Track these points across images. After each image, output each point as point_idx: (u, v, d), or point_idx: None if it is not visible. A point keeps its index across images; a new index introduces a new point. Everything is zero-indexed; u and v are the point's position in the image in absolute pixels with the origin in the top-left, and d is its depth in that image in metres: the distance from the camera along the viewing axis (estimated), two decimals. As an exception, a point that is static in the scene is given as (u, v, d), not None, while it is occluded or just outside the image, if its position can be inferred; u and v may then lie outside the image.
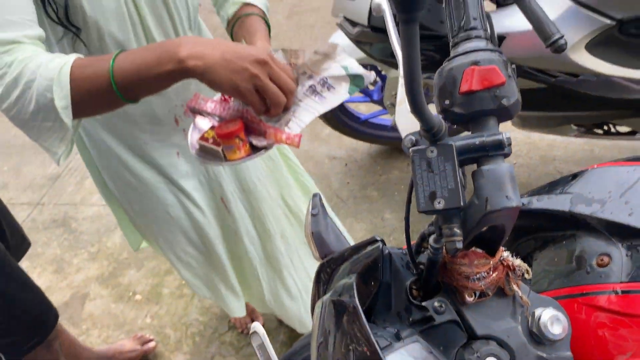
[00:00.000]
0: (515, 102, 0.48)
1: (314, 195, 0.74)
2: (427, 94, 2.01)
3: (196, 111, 0.85)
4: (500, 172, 0.47)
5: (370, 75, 0.83)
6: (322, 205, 0.76)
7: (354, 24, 1.40)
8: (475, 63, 0.48)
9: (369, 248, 0.58)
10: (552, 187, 0.74)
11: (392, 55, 1.36)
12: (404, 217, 0.57)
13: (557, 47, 1.03)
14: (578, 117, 1.55)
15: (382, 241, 0.59)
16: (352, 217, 2.09)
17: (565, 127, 1.66)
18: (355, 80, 0.81)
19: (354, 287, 0.48)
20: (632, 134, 1.62)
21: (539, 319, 0.55)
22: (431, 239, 0.53)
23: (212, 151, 0.83)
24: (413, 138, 0.52)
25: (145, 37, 0.98)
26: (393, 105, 1.94)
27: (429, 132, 0.47)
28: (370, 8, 1.31)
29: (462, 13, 0.52)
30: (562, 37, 1.02)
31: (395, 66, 1.46)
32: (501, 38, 1.23)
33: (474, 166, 0.50)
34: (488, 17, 1.13)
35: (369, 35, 1.36)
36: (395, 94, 1.90)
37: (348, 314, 0.48)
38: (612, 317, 0.58)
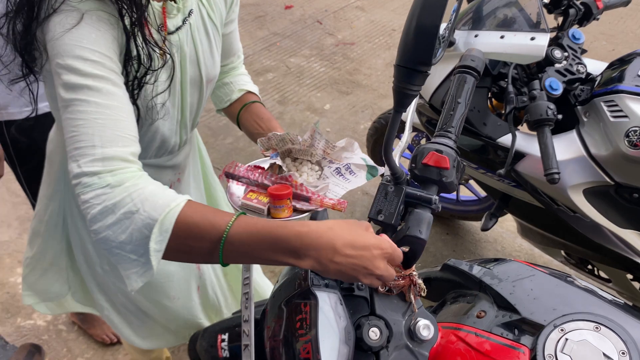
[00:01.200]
0: (450, 182, 0.78)
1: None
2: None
3: (231, 176, 1.01)
4: (423, 216, 0.77)
5: (381, 169, 0.97)
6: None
7: (421, 96, 1.72)
8: (438, 150, 0.79)
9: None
10: (482, 261, 1.03)
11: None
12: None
13: (550, 179, 1.32)
14: (568, 247, 1.80)
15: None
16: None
17: (556, 250, 1.90)
18: (371, 169, 1.00)
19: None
20: (608, 281, 1.84)
21: (417, 322, 0.85)
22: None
23: (256, 209, 0.95)
24: (389, 177, 0.83)
25: (180, 138, 1.13)
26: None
27: (393, 175, 0.78)
28: (436, 89, 1.63)
29: (447, 120, 0.83)
30: (557, 172, 1.32)
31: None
32: (522, 155, 1.51)
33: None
34: (514, 134, 1.41)
35: (426, 109, 1.68)
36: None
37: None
38: (465, 347, 0.86)
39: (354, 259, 0.72)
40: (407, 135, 0.95)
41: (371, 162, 1.01)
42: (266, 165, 1.04)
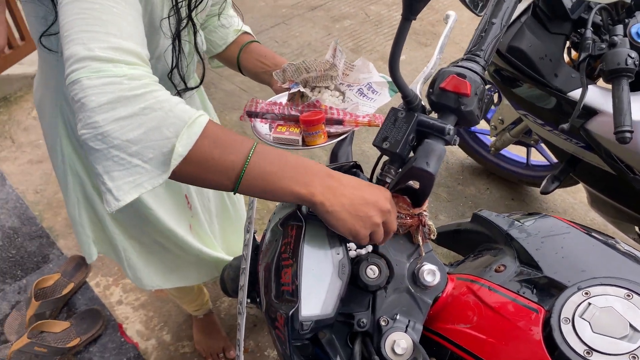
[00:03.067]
0: (469, 112, 0.69)
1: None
2: (530, 134, 2.11)
3: (254, 115, 0.97)
4: (434, 147, 0.69)
5: None
6: (351, 137, 1.01)
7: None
8: (459, 74, 0.69)
9: (349, 165, 0.83)
10: (519, 215, 0.93)
11: (508, 81, 1.51)
12: (377, 157, 0.80)
13: (621, 138, 1.16)
14: (643, 223, 1.61)
15: (360, 167, 0.83)
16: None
17: (629, 226, 1.71)
18: (392, 85, 0.96)
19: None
20: (686, 265, 1.64)
21: (422, 267, 0.78)
22: (378, 172, 0.76)
23: (291, 141, 0.93)
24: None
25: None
26: (495, 127, 2.07)
27: (405, 99, 0.69)
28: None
29: (477, 41, 0.73)
30: (630, 131, 1.15)
31: (506, 91, 1.61)
32: (595, 112, 1.33)
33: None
34: (584, 84, 1.24)
35: (495, 58, 1.53)
36: (502, 120, 2.03)
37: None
38: (475, 301, 0.78)
39: (362, 192, 0.70)
40: (435, 59, 0.85)
41: (390, 79, 0.95)
42: (284, 100, 1.00)
